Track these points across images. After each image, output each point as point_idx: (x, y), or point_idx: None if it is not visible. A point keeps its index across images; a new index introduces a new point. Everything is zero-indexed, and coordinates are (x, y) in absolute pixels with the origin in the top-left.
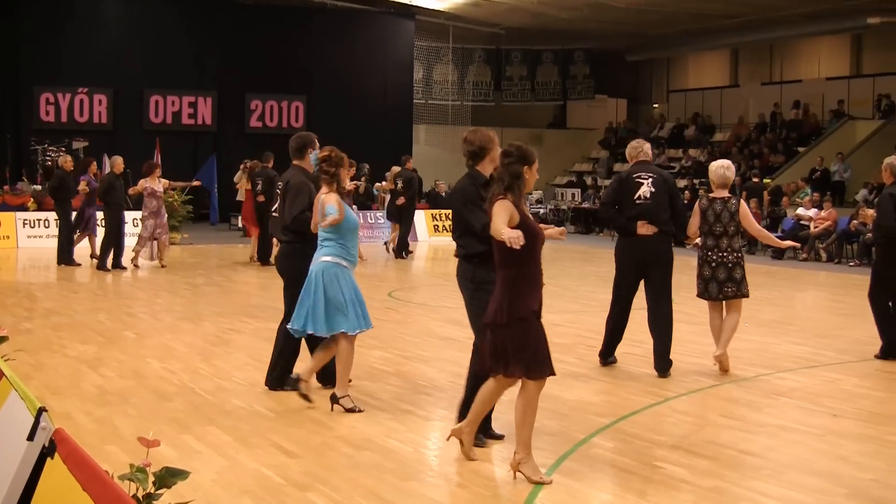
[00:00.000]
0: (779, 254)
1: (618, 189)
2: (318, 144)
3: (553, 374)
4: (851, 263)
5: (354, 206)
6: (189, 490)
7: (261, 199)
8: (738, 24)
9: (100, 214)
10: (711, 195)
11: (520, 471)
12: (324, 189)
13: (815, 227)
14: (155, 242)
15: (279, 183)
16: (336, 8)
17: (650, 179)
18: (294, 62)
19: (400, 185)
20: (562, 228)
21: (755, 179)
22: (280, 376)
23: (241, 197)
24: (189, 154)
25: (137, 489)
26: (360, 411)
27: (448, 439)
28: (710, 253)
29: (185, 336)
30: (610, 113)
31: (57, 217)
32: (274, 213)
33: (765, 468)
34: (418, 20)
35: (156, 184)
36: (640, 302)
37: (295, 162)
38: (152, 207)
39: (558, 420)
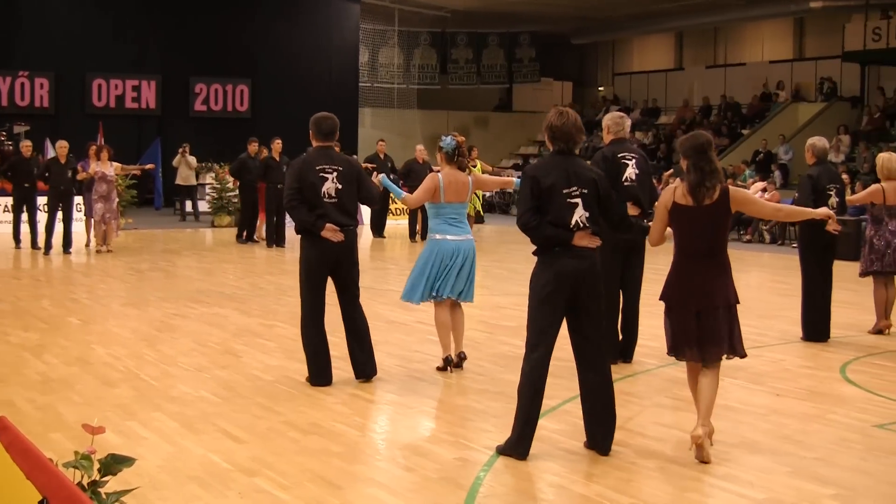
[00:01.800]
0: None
1: (606, 169)
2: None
3: None
4: (794, 245)
5: None
6: (135, 477)
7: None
8: (683, 7)
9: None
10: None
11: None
12: (451, 169)
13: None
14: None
15: (324, 166)
16: None
17: (634, 160)
18: (239, 46)
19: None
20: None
21: None
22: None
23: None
24: (133, 138)
25: (82, 476)
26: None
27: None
28: None
29: (130, 322)
30: (556, 96)
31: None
32: (329, 199)
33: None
34: (363, 3)
35: (106, 167)
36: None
37: (326, 143)
38: (102, 192)
39: (504, 402)
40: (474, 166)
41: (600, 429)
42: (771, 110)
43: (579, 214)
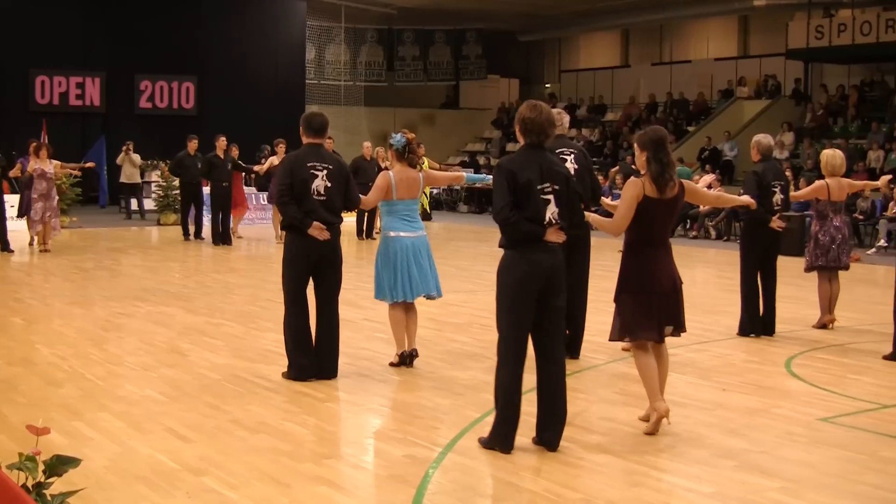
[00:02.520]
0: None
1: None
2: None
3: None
4: (738, 240)
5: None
6: (81, 478)
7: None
8: (629, 5)
9: None
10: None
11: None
12: (402, 166)
13: (704, 207)
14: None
15: (315, 164)
16: None
17: (572, 156)
18: (185, 42)
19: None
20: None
21: None
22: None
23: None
24: (77, 136)
25: (27, 478)
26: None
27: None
28: None
29: (76, 321)
30: (502, 93)
31: None
32: (318, 197)
33: (657, 443)
34: (310, 1)
35: (46, 165)
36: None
37: (316, 140)
38: (42, 190)
39: (453, 399)
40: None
41: (552, 424)
42: (716, 107)
43: (552, 211)
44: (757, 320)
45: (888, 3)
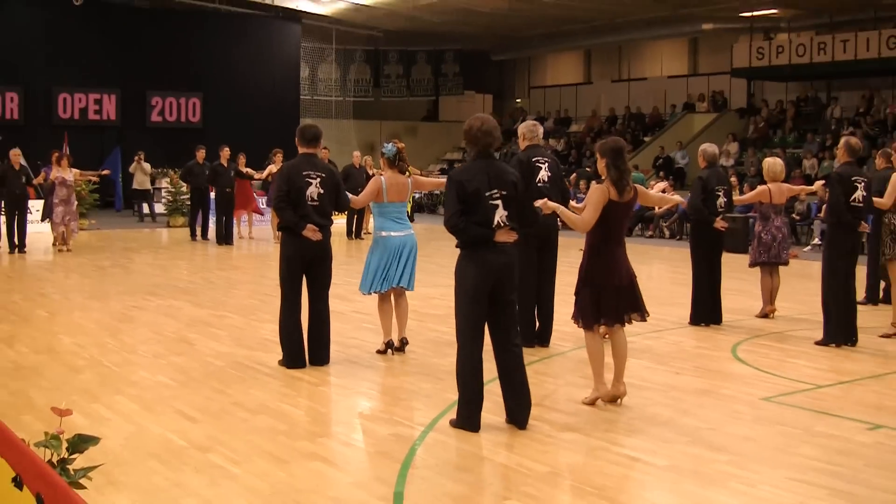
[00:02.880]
0: (627, 231)
1: (522, 173)
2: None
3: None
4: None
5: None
6: (99, 454)
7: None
8: (591, 27)
9: None
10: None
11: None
12: (392, 172)
13: (660, 208)
14: (63, 228)
15: (309, 172)
16: (229, 12)
17: (546, 164)
18: (191, 62)
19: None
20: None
21: None
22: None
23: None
24: (95, 147)
25: (52, 455)
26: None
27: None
28: None
29: (94, 314)
30: (478, 107)
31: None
32: (312, 202)
33: (617, 421)
34: (304, 23)
35: (66, 173)
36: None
37: (310, 150)
38: (62, 195)
39: (433, 383)
40: None
41: (519, 406)
42: (669, 120)
43: (500, 214)
44: (705, 311)
45: (820, 28)
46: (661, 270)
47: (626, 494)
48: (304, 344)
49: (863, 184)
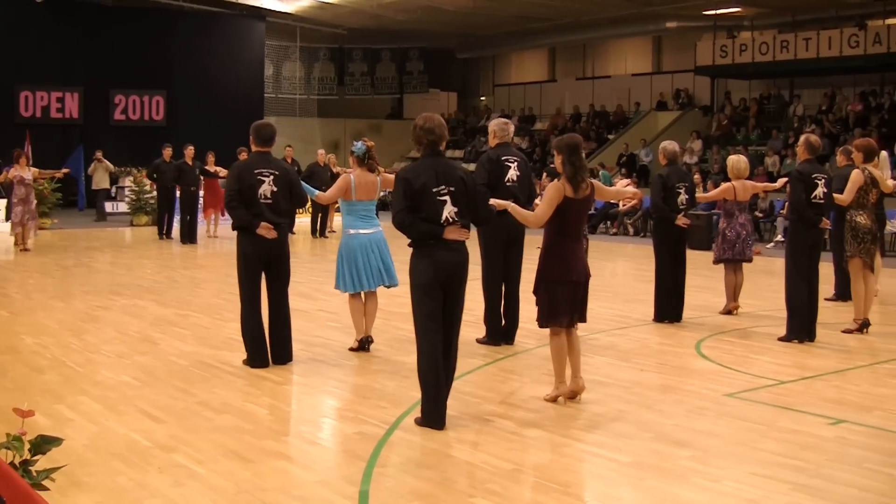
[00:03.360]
0: (591, 228)
1: (491, 170)
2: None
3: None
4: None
5: None
6: (63, 455)
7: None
8: (555, 26)
9: None
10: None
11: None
12: (362, 171)
13: (624, 206)
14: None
15: (262, 170)
16: (193, 10)
17: (516, 163)
18: (155, 60)
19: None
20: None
21: None
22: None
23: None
24: (58, 145)
25: (14, 456)
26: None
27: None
28: None
29: (57, 314)
30: (442, 105)
31: None
32: (265, 201)
33: (581, 418)
34: (268, 21)
35: (24, 172)
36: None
37: (264, 149)
38: (21, 195)
39: (399, 381)
40: None
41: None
42: (633, 118)
43: (448, 210)
44: (669, 308)
45: (783, 27)
46: (626, 267)
47: (590, 491)
48: (267, 343)
49: (823, 181)
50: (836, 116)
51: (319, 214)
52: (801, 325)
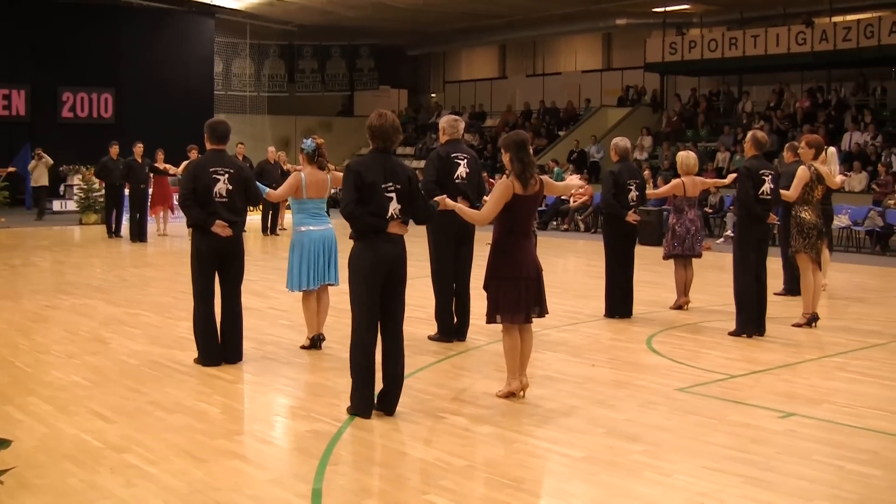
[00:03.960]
0: (542, 225)
1: (440, 167)
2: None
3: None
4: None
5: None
6: (12, 457)
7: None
8: (505, 22)
9: None
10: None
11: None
12: (312, 168)
13: (575, 202)
14: None
15: (217, 169)
16: (142, 6)
17: (465, 160)
18: (103, 57)
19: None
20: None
21: None
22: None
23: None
24: (4, 143)
25: None
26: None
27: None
28: None
29: (4, 313)
30: (393, 102)
31: None
32: (220, 199)
33: (534, 414)
34: (218, 18)
35: None
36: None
37: (219, 146)
38: None
39: (350, 379)
40: None
41: (392, 393)
42: (583, 114)
43: (393, 207)
44: (619, 303)
45: (732, 24)
46: (577, 264)
47: (543, 486)
48: (220, 341)
49: (770, 177)
50: (784, 113)
51: (270, 212)
52: (749, 320)
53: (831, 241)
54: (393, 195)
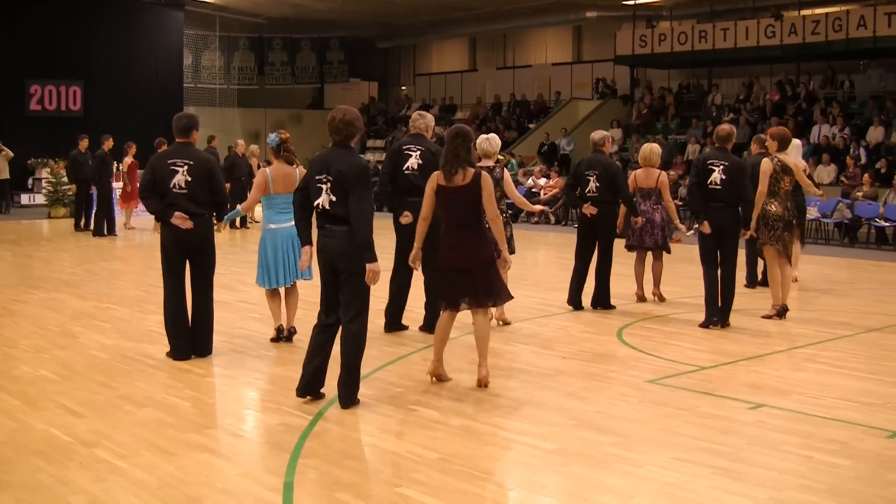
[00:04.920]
0: (513, 217)
1: (390, 159)
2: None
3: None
4: (577, 225)
5: None
6: None
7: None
8: (475, 15)
9: None
10: (479, 164)
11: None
12: (280, 164)
13: (545, 194)
14: None
15: (176, 160)
16: None
17: (418, 152)
18: (72, 49)
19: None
20: None
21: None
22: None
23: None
24: None
25: None
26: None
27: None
28: None
29: None
30: (363, 94)
31: None
32: (178, 190)
33: (504, 406)
34: (187, 10)
35: None
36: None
37: (182, 139)
38: None
39: None
40: None
41: (345, 379)
42: (554, 107)
43: (323, 199)
44: (573, 293)
45: (701, 17)
46: (547, 256)
47: (514, 478)
48: (190, 335)
49: (721, 167)
50: (753, 105)
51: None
52: (711, 311)
53: (803, 233)
54: (323, 186)
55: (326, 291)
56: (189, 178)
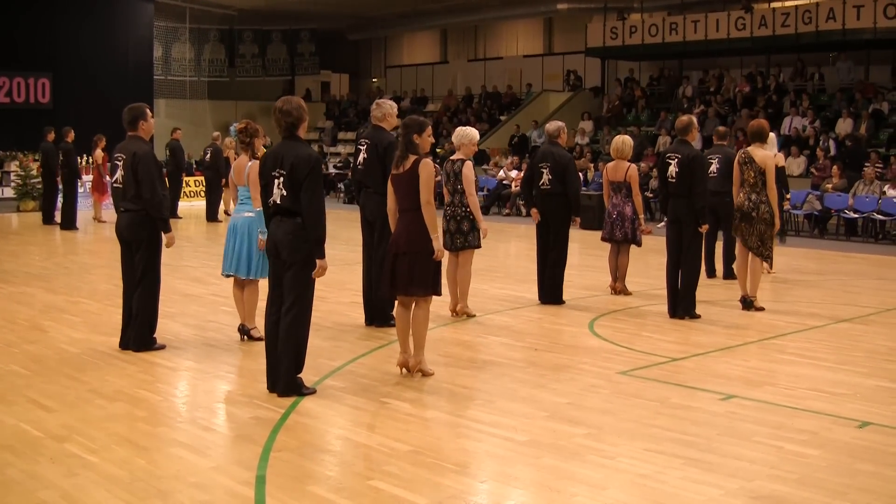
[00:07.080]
0: (484, 209)
1: (354, 154)
2: (150, 115)
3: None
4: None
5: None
6: None
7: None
8: (446, 7)
9: None
10: (451, 157)
11: (420, 370)
12: (243, 156)
13: (516, 186)
14: None
15: (118, 155)
16: None
17: (365, 147)
18: (40, 41)
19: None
20: None
21: None
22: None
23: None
24: None
25: None
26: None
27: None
28: (447, 208)
29: None
30: (334, 87)
31: None
32: (116, 185)
33: (477, 398)
34: (157, 2)
35: None
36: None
37: (130, 133)
38: None
39: None
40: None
41: (283, 369)
42: (525, 99)
43: (277, 193)
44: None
45: (672, 9)
46: (518, 248)
47: (487, 470)
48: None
49: (676, 160)
50: (724, 97)
51: (211, 197)
52: (673, 300)
53: (784, 228)
54: (276, 181)
55: (274, 281)
56: (122, 173)
